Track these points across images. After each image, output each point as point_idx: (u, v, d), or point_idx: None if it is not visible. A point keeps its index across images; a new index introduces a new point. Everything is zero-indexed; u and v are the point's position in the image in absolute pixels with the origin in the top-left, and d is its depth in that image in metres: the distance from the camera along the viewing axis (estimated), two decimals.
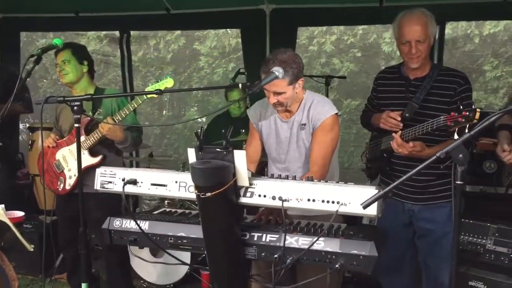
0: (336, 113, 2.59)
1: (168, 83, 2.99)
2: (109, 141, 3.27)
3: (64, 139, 3.38)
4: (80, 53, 3.35)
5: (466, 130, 2.25)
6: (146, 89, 3.01)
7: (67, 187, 3.33)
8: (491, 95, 5.80)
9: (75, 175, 3.28)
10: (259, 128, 2.80)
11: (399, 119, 2.70)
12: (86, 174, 3.10)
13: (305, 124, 2.62)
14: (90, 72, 3.41)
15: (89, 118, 3.20)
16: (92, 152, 3.27)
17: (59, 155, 3.38)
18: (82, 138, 3.24)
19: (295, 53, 2.60)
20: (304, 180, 2.04)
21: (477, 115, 2.22)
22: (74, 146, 3.30)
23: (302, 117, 2.63)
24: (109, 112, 3.30)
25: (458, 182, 1.59)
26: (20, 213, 4.22)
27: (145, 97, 3.04)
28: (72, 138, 3.31)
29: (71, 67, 3.29)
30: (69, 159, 3.34)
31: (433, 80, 2.68)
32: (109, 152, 3.34)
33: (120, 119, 3.12)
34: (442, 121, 2.37)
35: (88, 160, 3.22)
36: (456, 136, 2.26)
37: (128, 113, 3.10)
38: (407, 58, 2.67)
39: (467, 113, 2.24)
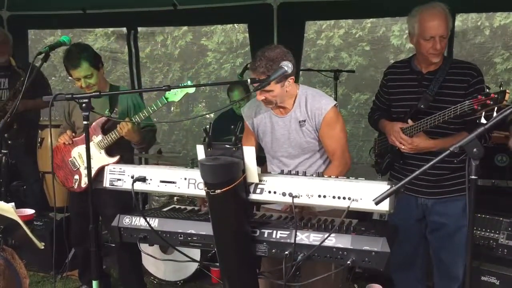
0: (334, 104, 2.56)
1: (190, 89, 2.94)
2: (124, 141, 3.25)
3: (80, 137, 3.32)
4: (95, 60, 3.22)
5: (495, 113, 2.13)
6: (167, 94, 2.99)
7: (83, 185, 3.31)
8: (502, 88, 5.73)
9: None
10: (254, 126, 2.75)
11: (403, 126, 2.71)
12: (102, 172, 3.09)
13: (304, 121, 2.58)
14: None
15: (106, 117, 3.18)
16: (109, 152, 3.26)
17: (74, 152, 3.36)
18: (100, 137, 3.24)
19: (286, 50, 2.49)
20: (314, 176, 2.02)
21: (507, 96, 2.12)
22: (90, 145, 3.29)
23: (299, 113, 2.59)
24: (125, 111, 3.28)
25: (472, 177, 1.56)
26: (30, 211, 4.24)
27: (165, 101, 3.01)
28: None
29: (95, 78, 3.21)
30: (85, 157, 3.33)
31: (445, 73, 2.65)
32: (124, 151, 3.33)
33: (139, 121, 3.10)
34: (467, 105, 2.29)
35: (105, 159, 3.21)
36: (483, 120, 2.17)
37: (147, 115, 3.07)
38: (429, 53, 2.60)
39: (496, 95, 2.16)
